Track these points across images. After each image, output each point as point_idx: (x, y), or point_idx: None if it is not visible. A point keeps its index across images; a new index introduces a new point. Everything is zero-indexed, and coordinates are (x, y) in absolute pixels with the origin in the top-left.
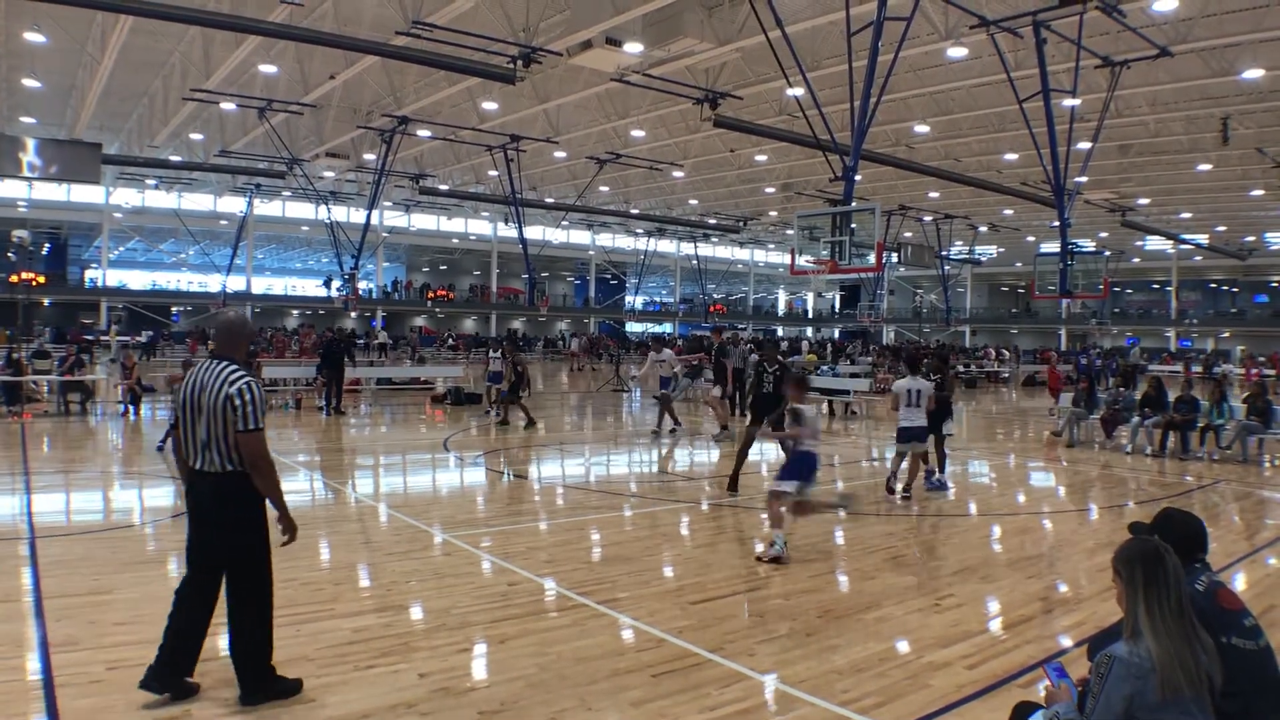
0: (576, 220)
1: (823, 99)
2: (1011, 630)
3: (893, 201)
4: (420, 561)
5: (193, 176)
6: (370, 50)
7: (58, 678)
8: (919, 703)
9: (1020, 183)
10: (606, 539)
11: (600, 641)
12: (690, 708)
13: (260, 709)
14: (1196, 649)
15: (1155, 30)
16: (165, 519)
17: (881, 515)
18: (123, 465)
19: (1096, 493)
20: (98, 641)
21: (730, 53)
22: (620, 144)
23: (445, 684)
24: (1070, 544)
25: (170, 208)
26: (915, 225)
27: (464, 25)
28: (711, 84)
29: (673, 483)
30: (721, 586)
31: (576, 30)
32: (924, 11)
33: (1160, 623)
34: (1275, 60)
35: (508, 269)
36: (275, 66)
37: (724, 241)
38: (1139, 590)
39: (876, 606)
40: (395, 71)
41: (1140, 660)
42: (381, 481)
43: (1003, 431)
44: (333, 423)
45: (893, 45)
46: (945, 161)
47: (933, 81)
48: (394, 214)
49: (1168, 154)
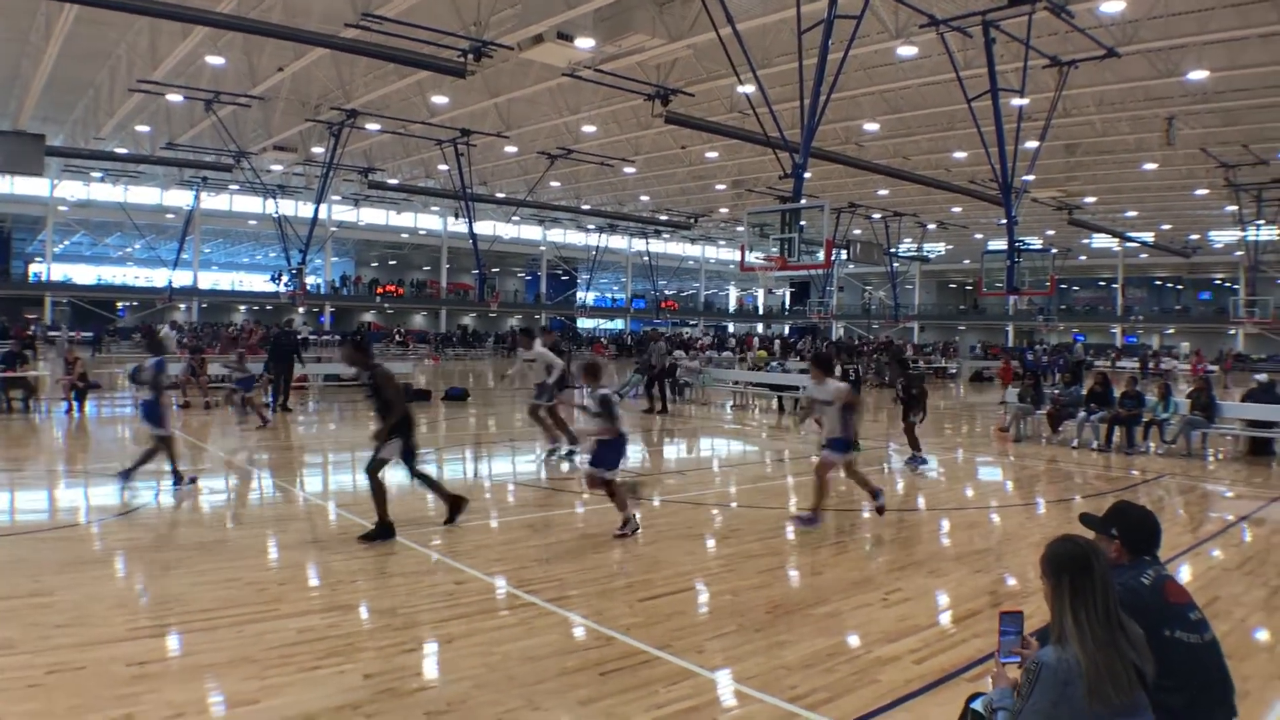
0: (528, 215)
1: (773, 96)
2: (959, 624)
3: (842, 199)
4: (367, 560)
5: (139, 169)
6: (319, 42)
7: None
8: (867, 698)
9: (968, 181)
10: (556, 536)
11: (548, 640)
12: (638, 706)
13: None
14: (1125, 653)
15: (1103, 31)
16: (109, 518)
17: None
18: (66, 464)
19: (1043, 487)
20: (37, 645)
21: (682, 49)
22: (572, 139)
23: (391, 685)
24: (1017, 538)
25: (116, 201)
26: (864, 222)
27: (414, 18)
28: (663, 80)
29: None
30: (670, 583)
31: (527, 24)
32: (874, 10)
33: (1087, 629)
34: (1219, 62)
35: (458, 264)
36: (223, 58)
37: (675, 238)
38: (1066, 595)
39: (825, 602)
40: (344, 64)
41: (1068, 667)
42: (329, 479)
43: (950, 427)
44: (280, 420)
45: (843, 43)
46: (894, 159)
47: (882, 80)
48: (343, 208)
49: (1114, 153)
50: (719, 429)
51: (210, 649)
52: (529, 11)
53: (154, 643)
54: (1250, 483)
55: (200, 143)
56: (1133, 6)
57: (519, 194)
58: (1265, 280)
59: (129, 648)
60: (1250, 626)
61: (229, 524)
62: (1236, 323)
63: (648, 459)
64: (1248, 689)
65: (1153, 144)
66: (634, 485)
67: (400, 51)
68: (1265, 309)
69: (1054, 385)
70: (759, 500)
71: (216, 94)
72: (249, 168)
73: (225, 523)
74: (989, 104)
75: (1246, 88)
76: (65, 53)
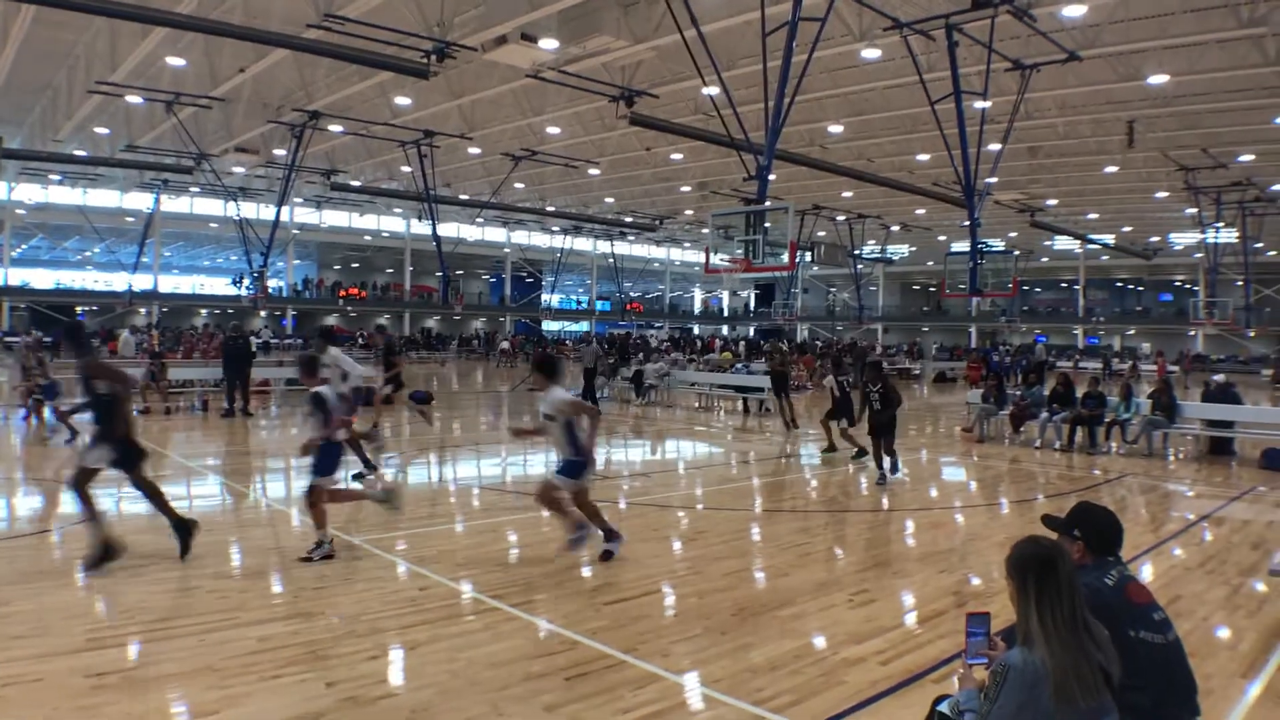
0: (492, 217)
1: (738, 99)
2: (925, 625)
3: (806, 201)
4: (330, 567)
5: (98, 172)
6: (280, 43)
7: None
8: (834, 699)
9: (932, 183)
10: (521, 540)
11: (513, 645)
12: (604, 711)
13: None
14: (1091, 655)
15: (1065, 35)
16: (67, 526)
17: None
18: (24, 471)
19: (1006, 487)
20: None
21: (646, 51)
22: (536, 141)
23: (354, 693)
24: (981, 538)
25: (75, 204)
26: (829, 224)
27: (377, 19)
28: (627, 82)
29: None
30: (636, 586)
31: (491, 25)
32: (838, 13)
33: (1053, 631)
34: (1180, 66)
35: (422, 267)
36: (183, 59)
37: (640, 240)
38: (1031, 598)
39: (791, 604)
40: (306, 65)
41: (1034, 669)
42: (290, 485)
43: (915, 427)
44: (240, 424)
45: (807, 46)
46: (858, 162)
47: (846, 82)
48: (305, 211)
49: (1076, 156)
50: (684, 431)
51: (170, 658)
52: (492, 12)
53: (114, 653)
54: (1210, 482)
55: (160, 145)
56: (1094, 11)
57: (483, 195)
58: (1224, 282)
59: (88, 658)
60: (1212, 625)
61: None
62: (1196, 324)
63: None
64: (1210, 687)
65: (1114, 147)
66: (390, 494)
67: (362, 52)
68: (1224, 310)
69: (1017, 386)
70: (725, 502)
71: (177, 95)
72: (210, 170)
73: None
74: (952, 107)
75: (1206, 92)
76: (22, 54)
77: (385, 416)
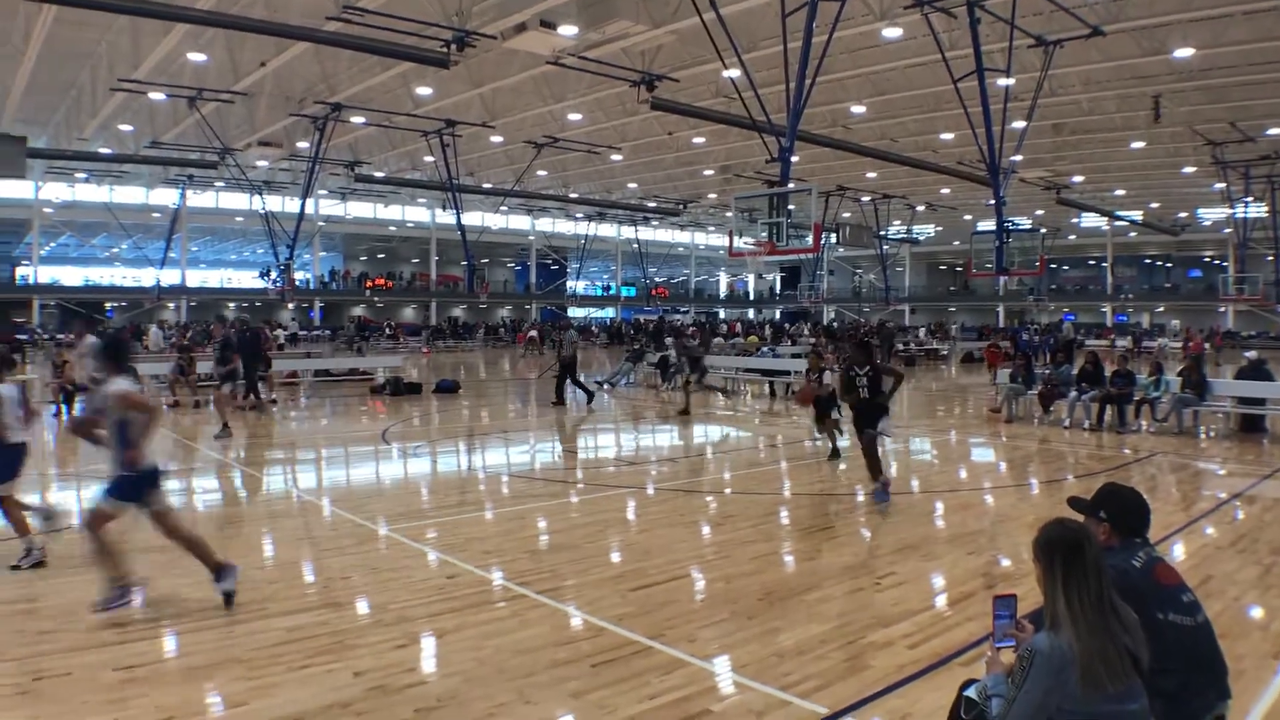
0: (515, 205)
1: (759, 80)
2: (954, 607)
3: (830, 182)
4: (358, 556)
5: (123, 169)
6: (300, 36)
7: None
8: (861, 683)
9: (956, 162)
10: (548, 527)
11: (540, 632)
12: (630, 697)
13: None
14: (1119, 639)
15: (1087, 10)
16: None
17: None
18: (55, 466)
19: (1035, 467)
20: (24, 651)
21: (666, 35)
22: (558, 128)
23: (381, 682)
24: (1011, 519)
25: (101, 201)
26: (853, 205)
27: (396, 9)
28: (648, 66)
29: (616, 468)
30: (662, 572)
31: (510, 13)
32: None
33: (1080, 615)
34: (1205, 39)
35: (447, 256)
36: (205, 55)
37: (665, 225)
38: (1058, 581)
39: (818, 587)
40: (327, 58)
41: (1061, 653)
42: (317, 475)
43: (943, 408)
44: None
45: (828, 26)
46: (882, 142)
47: (868, 62)
48: (330, 202)
49: (1101, 133)
50: (710, 416)
51: (199, 650)
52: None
53: (142, 646)
54: (1242, 460)
55: (184, 140)
56: None
57: (506, 184)
58: (1254, 257)
59: (117, 652)
60: (1244, 605)
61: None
62: (1226, 300)
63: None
64: (1242, 668)
65: (1140, 122)
66: (47, 513)
67: (382, 43)
68: (1254, 286)
69: (1045, 365)
70: (751, 486)
71: (199, 91)
72: (234, 164)
73: (214, 521)
74: (975, 84)
75: (1232, 65)
76: (45, 54)
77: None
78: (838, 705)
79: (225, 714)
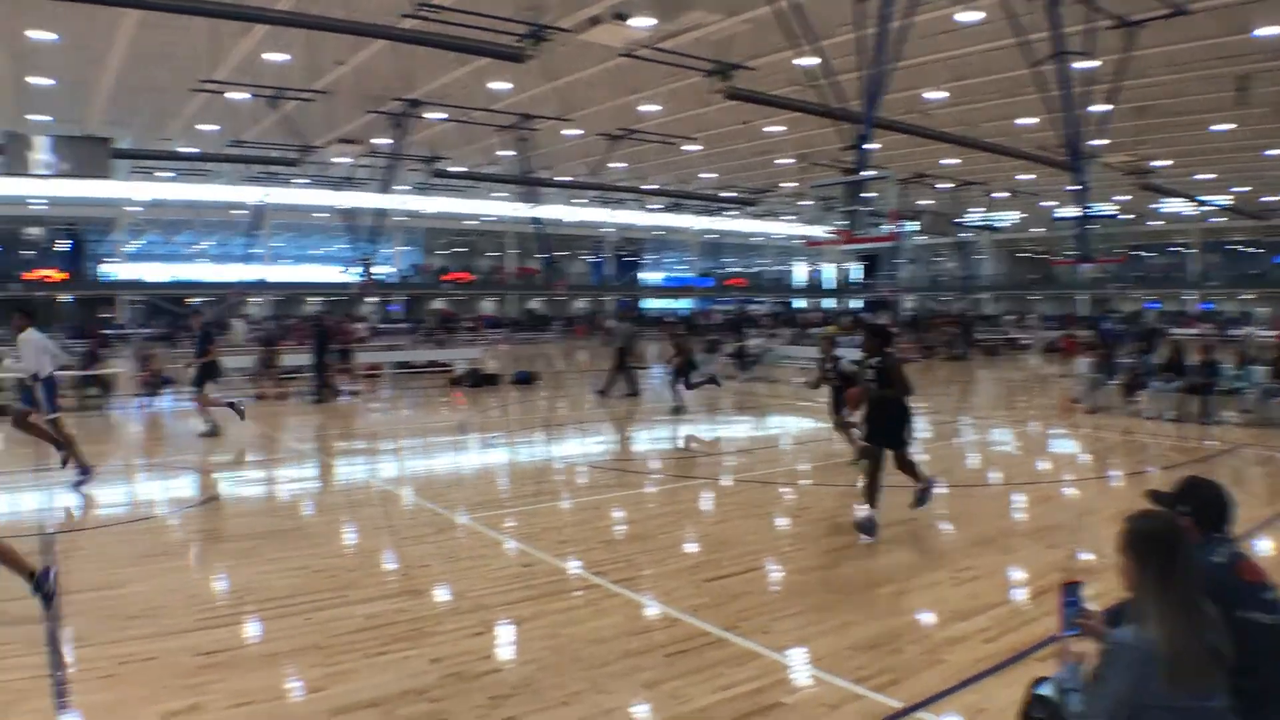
0: (591, 198)
1: (835, 68)
2: (1032, 602)
3: (908, 169)
4: (436, 545)
5: (206, 168)
6: (377, 34)
7: (70, 673)
8: (935, 678)
9: (1037, 147)
10: (624, 517)
11: (614, 622)
12: (703, 689)
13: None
14: (1205, 635)
15: None
16: (183, 510)
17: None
18: (144, 458)
19: (1118, 459)
20: (110, 636)
21: (740, 24)
22: (633, 120)
23: (457, 669)
24: (1092, 512)
25: (185, 200)
26: (932, 192)
27: (470, 5)
28: (722, 56)
29: (692, 459)
30: (737, 563)
31: (584, 6)
32: None
33: (1168, 610)
34: None
35: (524, 249)
36: (284, 54)
37: (741, 214)
38: (1145, 575)
39: (893, 581)
40: (404, 55)
41: (1146, 648)
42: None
43: (1024, 399)
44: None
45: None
46: (960, 127)
47: (945, 47)
48: (409, 198)
49: (1186, 115)
50: (787, 406)
51: (278, 637)
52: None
53: (224, 632)
54: None
55: (266, 139)
56: None
57: (582, 176)
58: None
59: (199, 638)
60: None
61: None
62: None
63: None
64: None
65: (1225, 104)
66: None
67: (458, 39)
68: None
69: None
70: (827, 478)
71: (280, 90)
72: (315, 161)
73: (296, 511)
74: (1056, 68)
75: None
76: (129, 57)
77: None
78: (912, 700)
79: (303, 699)
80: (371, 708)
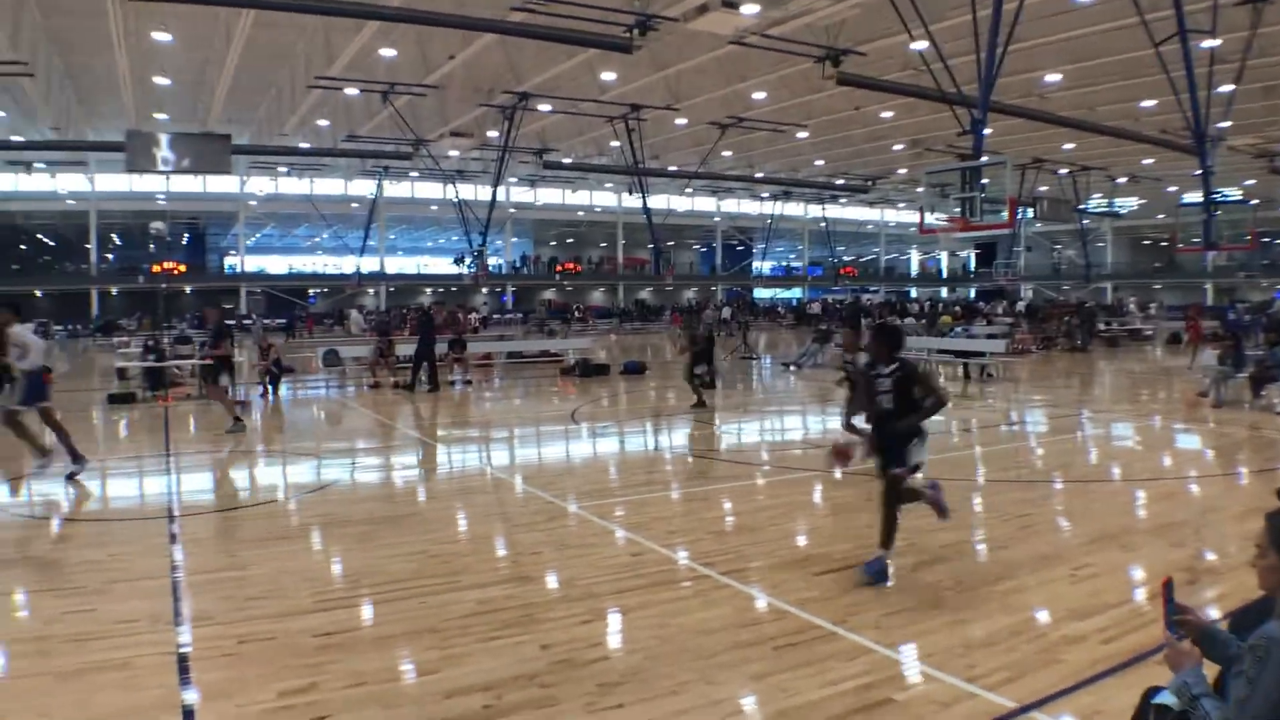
0: (701, 187)
1: (947, 51)
2: (1153, 602)
3: (1025, 154)
4: (548, 532)
5: (322, 162)
6: (486, 28)
7: (192, 651)
8: (1051, 678)
9: (1159, 130)
10: (733, 509)
11: (723, 613)
12: (812, 682)
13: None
14: None
15: None
16: (302, 495)
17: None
18: (263, 444)
19: (1245, 455)
20: (232, 616)
21: (849, 9)
22: (742, 107)
23: (567, 655)
24: (1217, 510)
25: (302, 193)
26: (1050, 178)
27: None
28: (832, 41)
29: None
30: (848, 557)
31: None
32: None
33: None
34: None
35: (634, 239)
36: (395, 50)
37: (853, 202)
38: None
39: (1009, 577)
40: (513, 48)
41: None
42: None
43: (1146, 392)
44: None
45: None
46: (1079, 111)
47: (1062, 28)
48: (520, 189)
49: None
50: None
51: (394, 620)
52: None
53: (341, 614)
54: None
55: (379, 133)
56: None
57: (691, 166)
58: None
59: (317, 619)
60: None
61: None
62: None
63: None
64: None
65: None
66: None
67: (566, 31)
68: None
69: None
70: (943, 472)
71: (391, 85)
72: (427, 154)
73: (412, 497)
74: (1178, 47)
75: None
76: (246, 56)
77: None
78: (1026, 699)
79: (416, 681)
80: (484, 691)
